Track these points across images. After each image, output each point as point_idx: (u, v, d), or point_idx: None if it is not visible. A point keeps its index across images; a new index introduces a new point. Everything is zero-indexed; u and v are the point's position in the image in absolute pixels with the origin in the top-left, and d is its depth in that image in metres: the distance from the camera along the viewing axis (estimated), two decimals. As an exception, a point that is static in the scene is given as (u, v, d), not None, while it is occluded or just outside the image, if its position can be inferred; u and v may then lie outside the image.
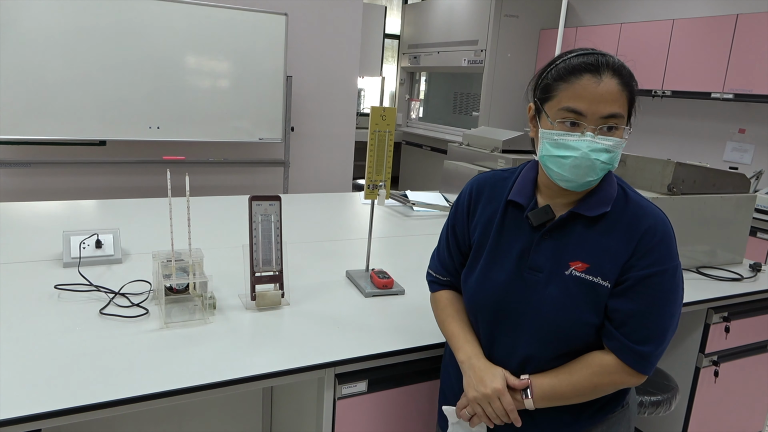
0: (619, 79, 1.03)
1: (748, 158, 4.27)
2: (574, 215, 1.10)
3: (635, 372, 1.07)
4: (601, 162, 1.04)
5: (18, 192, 3.80)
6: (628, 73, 1.05)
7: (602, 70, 1.03)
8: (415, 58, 6.65)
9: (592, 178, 1.06)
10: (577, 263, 1.08)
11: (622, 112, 1.04)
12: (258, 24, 3.95)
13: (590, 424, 1.16)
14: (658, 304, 1.05)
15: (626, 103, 1.05)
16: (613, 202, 1.09)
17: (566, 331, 1.08)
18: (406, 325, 1.50)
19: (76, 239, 1.76)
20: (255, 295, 1.53)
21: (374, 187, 1.70)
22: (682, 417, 2.07)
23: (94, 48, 3.55)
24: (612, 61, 1.05)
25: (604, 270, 1.06)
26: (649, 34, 4.58)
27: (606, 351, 1.09)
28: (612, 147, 1.04)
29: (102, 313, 1.43)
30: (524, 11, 5.57)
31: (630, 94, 1.05)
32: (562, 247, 1.10)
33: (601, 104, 1.02)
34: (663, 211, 1.11)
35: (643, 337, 1.05)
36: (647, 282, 1.04)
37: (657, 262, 1.04)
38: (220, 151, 4.27)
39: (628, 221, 1.08)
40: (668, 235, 1.07)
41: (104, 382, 1.13)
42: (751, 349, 2.10)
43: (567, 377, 1.09)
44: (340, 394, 1.34)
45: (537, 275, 1.11)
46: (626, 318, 1.05)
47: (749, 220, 2.24)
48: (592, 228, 1.09)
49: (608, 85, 1.02)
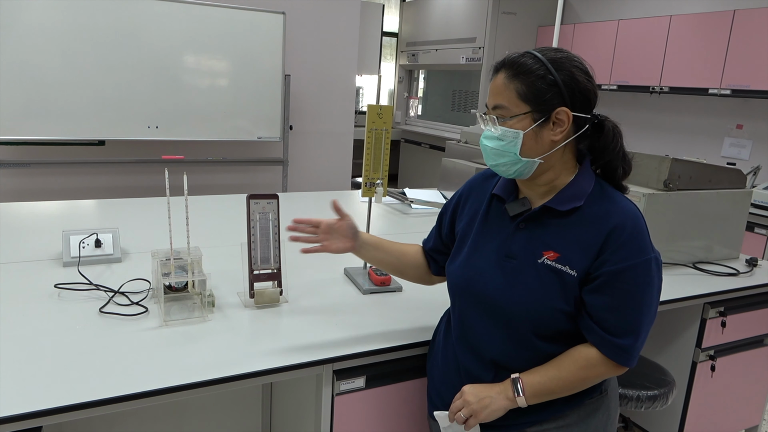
0: (507, 73, 1.10)
1: (746, 154, 4.28)
2: (546, 209, 1.15)
3: (618, 364, 1.12)
4: (490, 148, 1.13)
5: (17, 192, 3.81)
6: (525, 68, 1.09)
7: (499, 66, 1.13)
8: (414, 56, 6.65)
9: (493, 163, 1.15)
10: (549, 252, 1.13)
11: (506, 104, 1.10)
12: (256, 23, 3.95)
13: (566, 409, 1.19)
14: (632, 298, 1.08)
15: (515, 96, 1.09)
16: (588, 198, 1.13)
17: (537, 316, 1.13)
18: (404, 321, 1.51)
19: (76, 239, 1.78)
20: (253, 292, 1.54)
21: (371, 185, 1.71)
22: (680, 411, 2.09)
23: (93, 48, 3.56)
24: (513, 58, 1.11)
25: (573, 260, 1.11)
26: (646, 31, 4.58)
27: (589, 344, 1.13)
28: (501, 136, 1.11)
29: (102, 311, 1.44)
30: (522, 8, 5.57)
31: (522, 86, 1.08)
32: (536, 237, 1.15)
33: (490, 97, 1.14)
34: (637, 207, 1.13)
35: (621, 330, 1.09)
36: (620, 277, 1.07)
37: (628, 257, 1.07)
38: (218, 150, 4.28)
39: (599, 216, 1.11)
40: (638, 230, 1.09)
41: (104, 379, 1.14)
42: (747, 343, 2.11)
43: (556, 373, 1.13)
44: (338, 390, 1.36)
45: (512, 262, 1.16)
46: (603, 313, 1.09)
47: (745, 216, 2.25)
48: (564, 221, 1.13)
49: (496, 80, 1.12)
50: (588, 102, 1.10)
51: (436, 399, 1.32)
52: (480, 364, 1.21)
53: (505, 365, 1.18)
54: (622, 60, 4.78)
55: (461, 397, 1.18)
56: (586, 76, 1.10)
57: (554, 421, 1.19)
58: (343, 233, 1.38)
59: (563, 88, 1.07)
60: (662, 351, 2.14)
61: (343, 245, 1.38)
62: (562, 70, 1.08)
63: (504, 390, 1.15)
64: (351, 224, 1.38)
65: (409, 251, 1.45)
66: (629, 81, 4.74)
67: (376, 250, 1.42)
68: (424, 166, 6.59)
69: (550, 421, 1.19)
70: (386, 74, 7.14)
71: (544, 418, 1.19)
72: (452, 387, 1.26)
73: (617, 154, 1.14)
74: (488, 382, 1.19)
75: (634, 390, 1.73)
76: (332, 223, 1.38)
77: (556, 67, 1.08)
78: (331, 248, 1.37)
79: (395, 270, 1.45)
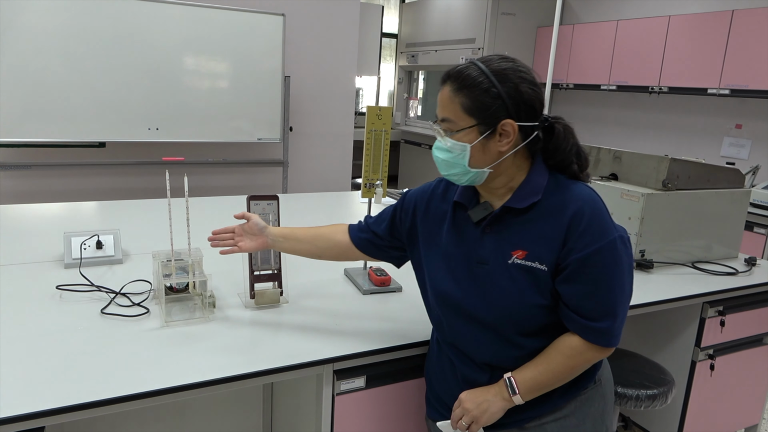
0: (452, 86, 1.11)
1: (745, 153, 4.29)
2: (506, 209, 1.16)
3: (601, 347, 1.13)
4: (441, 159, 1.15)
5: (18, 194, 3.82)
6: (469, 81, 1.09)
7: (445, 79, 1.13)
8: (413, 57, 6.66)
9: (446, 173, 1.17)
10: (517, 252, 1.14)
11: (452, 117, 1.11)
12: (256, 25, 3.96)
13: (563, 401, 1.21)
14: (603, 281, 1.10)
15: (460, 110, 1.10)
16: (544, 191, 1.14)
17: (517, 315, 1.14)
18: (404, 321, 1.52)
19: (77, 240, 1.78)
20: (254, 293, 1.55)
21: (371, 185, 1.72)
22: (679, 410, 2.09)
23: (93, 50, 3.57)
24: (457, 70, 1.11)
25: (541, 255, 1.12)
26: (645, 31, 4.59)
27: (572, 333, 1.15)
28: (450, 148, 1.13)
29: (103, 312, 1.45)
30: (521, 9, 5.58)
31: (466, 100, 1.09)
32: (502, 239, 1.16)
33: (438, 109, 1.15)
34: (593, 190, 1.15)
35: (598, 314, 1.11)
36: (587, 262, 1.09)
37: (592, 242, 1.08)
38: (219, 152, 4.28)
39: (557, 207, 1.12)
40: (597, 212, 1.10)
41: (106, 379, 1.15)
42: (746, 342, 2.11)
43: (545, 366, 1.15)
44: (338, 390, 1.36)
45: (484, 268, 1.17)
46: (578, 300, 1.11)
47: (744, 215, 2.25)
48: (526, 217, 1.15)
49: (442, 93, 1.13)
50: (533, 111, 1.11)
51: (435, 403, 1.34)
52: (474, 367, 1.23)
53: (498, 366, 1.20)
54: (621, 60, 4.79)
55: (460, 405, 1.21)
56: (531, 85, 1.10)
57: (552, 414, 1.21)
58: (252, 232, 1.45)
59: (507, 101, 1.08)
60: (661, 350, 2.15)
61: (254, 243, 1.45)
62: (506, 82, 1.08)
63: (499, 391, 1.18)
64: (256, 222, 1.44)
65: (325, 232, 1.45)
66: (628, 81, 4.74)
67: (287, 240, 1.45)
68: (423, 166, 6.60)
69: (548, 415, 1.21)
70: (386, 75, 7.14)
71: (543, 412, 1.21)
72: (450, 390, 1.28)
73: (569, 152, 1.15)
74: (484, 383, 1.21)
75: (633, 389, 1.74)
76: (243, 225, 1.46)
77: (500, 79, 1.08)
78: (245, 248, 1.45)
79: (312, 254, 1.47)
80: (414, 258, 1.34)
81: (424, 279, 1.30)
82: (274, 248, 1.48)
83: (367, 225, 1.42)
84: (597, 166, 2.29)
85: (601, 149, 2.30)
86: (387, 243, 1.38)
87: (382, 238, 1.38)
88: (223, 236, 1.46)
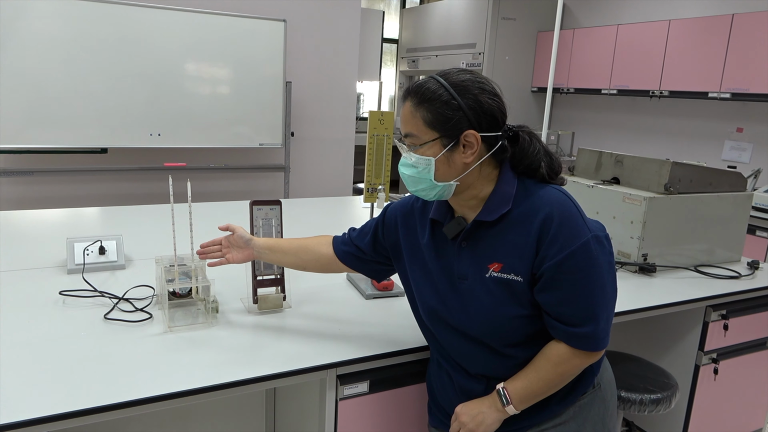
0: (412, 101, 1.12)
1: (747, 157, 4.29)
2: (477, 223, 1.15)
3: (588, 352, 1.12)
4: (407, 176, 1.15)
5: (21, 200, 3.83)
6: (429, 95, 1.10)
7: (405, 95, 1.14)
8: (414, 62, 6.68)
9: (413, 189, 1.17)
10: (493, 265, 1.14)
11: (415, 132, 1.12)
12: (257, 30, 3.98)
13: (561, 408, 1.21)
14: (581, 285, 1.08)
15: (422, 124, 1.10)
16: (513, 199, 1.13)
17: (500, 328, 1.14)
18: (407, 325, 1.51)
19: (80, 246, 1.79)
20: (257, 298, 1.55)
21: (373, 190, 1.72)
22: (683, 415, 2.08)
23: (95, 56, 3.58)
24: (417, 84, 1.12)
25: (516, 266, 1.12)
26: (645, 35, 4.60)
27: (558, 340, 1.14)
28: (415, 163, 1.13)
29: (106, 318, 1.45)
30: (521, 14, 5.60)
31: (428, 114, 1.10)
32: (478, 253, 1.16)
33: (401, 125, 1.15)
34: (562, 192, 1.13)
35: (579, 319, 1.10)
36: (561, 268, 1.07)
37: (564, 247, 1.07)
38: (220, 157, 4.29)
39: (527, 215, 1.11)
40: (566, 216, 1.09)
41: (109, 385, 1.15)
42: (750, 346, 2.11)
43: (535, 375, 1.15)
44: (342, 395, 1.36)
45: (465, 283, 1.18)
46: (557, 307, 1.10)
47: (746, 218, 2.25)
48: (497, 229, 1.14)
49: (404, 109, 1.14)
50: (495, 120, 1.11)
51: (437, 412, 1.35)
52: (470, 378, 1.24)
53: (493, 376, 1.20)
54: (622, 64, 4.80)
55: (456, 419, 1.21)
56: (491, 96, 1.11)
57: (551, 421, 1.21)
58: (238, 244, 1.46)
59: (468, 112, 1.08)
60: (665, 354, 2.14)
61: (241, 255, 1.46)
62: (465, 93, 1.09)
63: (494, 402, 1.18)
64: (241, 235, 1.45)
65: (309, 244, 1.45)
66: (629, 85, 4.75)
67: (273, 252, 1.45)
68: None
69: (547, 422, 1.21)
70: (387, 80, 7.16)
71: (541, 419, 1.21)
72: (450, 400, 1.28)
73: (536, 156, 1.15)
74: (481, 393, 1.22)
75: (637, 394, 1.73)
76: (228, 237, 1.47)
77: (459, 91, 1.09)
78: (232, 260, 1.46)
79: (297, 266, 1.47)
80: (401, 272, 1.34)
81: (412, 294, 1.31)
82: (261, 259, 1.48)
83: (350, 238, 1.42)
84: (599, 171, 2.29)
85: (603, 153, 2.30)
86: (370, 257, 1.38)
87: (365, 252, 1.38)
88: (210, 249, 1.47)
